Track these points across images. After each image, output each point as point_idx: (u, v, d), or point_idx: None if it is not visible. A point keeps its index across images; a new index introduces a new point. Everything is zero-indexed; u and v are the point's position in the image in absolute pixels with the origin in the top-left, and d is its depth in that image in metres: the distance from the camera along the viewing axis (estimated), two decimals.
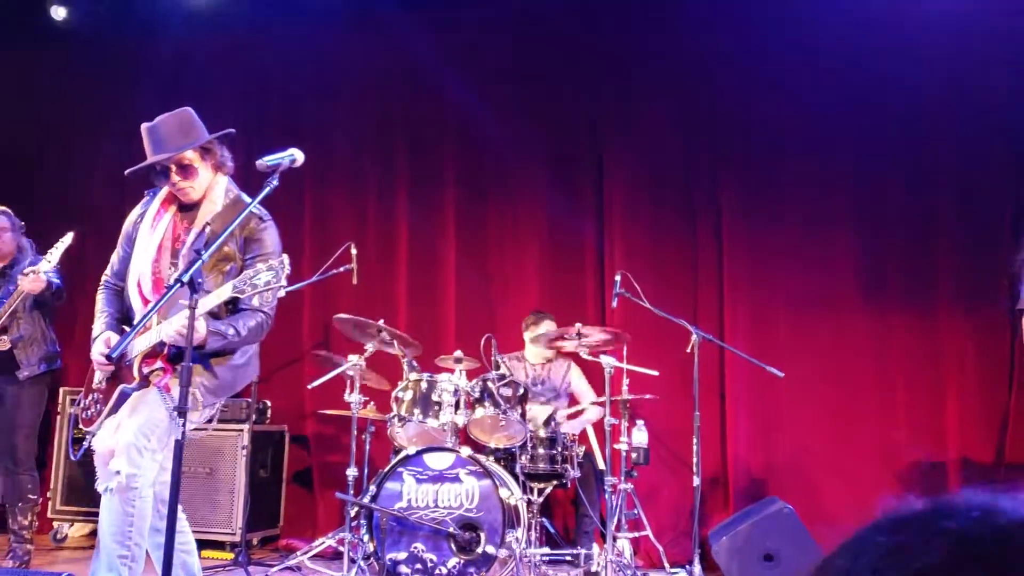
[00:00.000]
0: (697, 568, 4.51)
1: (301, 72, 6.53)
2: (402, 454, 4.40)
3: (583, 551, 4.70)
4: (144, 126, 3.27)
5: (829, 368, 5.47)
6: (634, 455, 4.82)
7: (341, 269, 5.32)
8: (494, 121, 6.15)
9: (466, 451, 4.32)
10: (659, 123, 5.94)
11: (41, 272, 4.61)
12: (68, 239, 4.71)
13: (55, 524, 5.76)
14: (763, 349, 5.26)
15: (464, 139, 6.23)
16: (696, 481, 4.57)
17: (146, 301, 3.23)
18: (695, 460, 4.59)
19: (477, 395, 4.57)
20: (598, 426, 5.09)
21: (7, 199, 6.85)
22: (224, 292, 2.98)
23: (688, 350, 4.66)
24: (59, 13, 6.36)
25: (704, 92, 5.89)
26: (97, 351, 3.23)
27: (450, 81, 6.23)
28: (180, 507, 2.79)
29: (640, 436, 4.86)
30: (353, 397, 4.89)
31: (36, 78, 6.94)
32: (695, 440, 4.60)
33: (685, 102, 5.93)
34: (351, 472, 4.88)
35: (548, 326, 5.26)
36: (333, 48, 6.49)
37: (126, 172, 3.32)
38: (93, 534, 5.71)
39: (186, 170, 3.26)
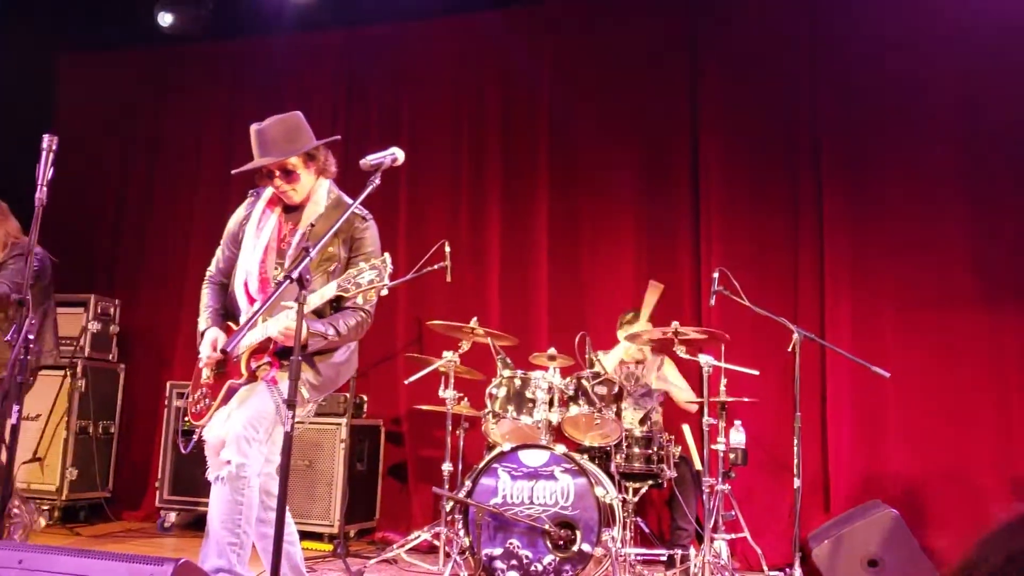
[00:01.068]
0: (798, 572, 4.39)
1: (395, 71, 6.61)
2: (497, 450, 4.40)
3: (679, 552, 4.65)
4: (253, 128, 3.35)
5: (938, 369, 5.25)
6: (732, 456, 4.74)
7: (435, 267, 5.37)
8: (587, 117, 6.13)
9: (561, 449, 4.31)
10: (757, 114, 5.81)
11: None
12: None
13: (162, 513, 5.97)
14: (867, 349, 5.10)
15: (556, 135, 6.21)
16: (797, 483, 4.46)
17: (252, 299, 3.33)
18: (796, 462, 4.48)
19: (571, 393, 4.55)
20: (695, 426, 5.01)
21: (116, 198, 7.16)
22: (328, 291, 3.04)
23: (789, 349, 4.55)
24: (165, 19, 6.58)
25: (805, 80, 5.73)
26: (206, 349, 3.33)
27: (543, 78, 6.24)
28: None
29: (738, 436, 4.77)
30: (448, 393, 4.95)
31: (143, 81, 7.20)
32: (796, 441, 4.48)
33: (785, 91, 5.78)
34: (446, 467, 4.94)
35: (643, 325, 5.21)
36: (426, 47, 6.56)
37: (232, 171, 3.42)
38: (197, 522, 5.92)
39: (289, 175, 3.34)
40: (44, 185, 3.09)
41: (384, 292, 3.09)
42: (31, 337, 2.89)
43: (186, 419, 3.42)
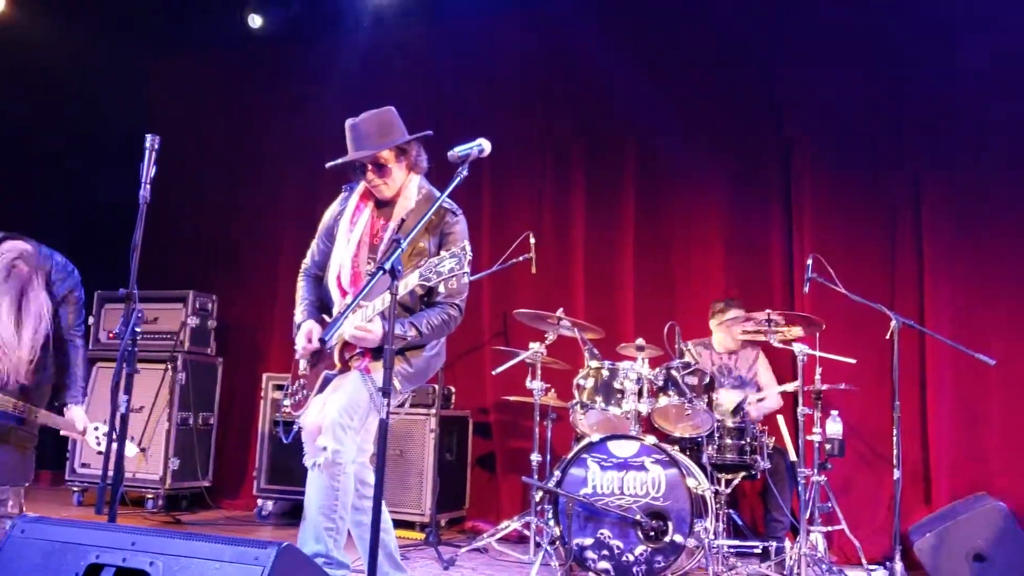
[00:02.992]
0: (899, 566, 4.28)
1: (478, 64, 6.64)
2: (585, 441, 4.40)
3: (774, 544, 4.57)
4: (348, 122, 3.40)
5: None
6: (828, 446, 4.63)
7: (520, 258, 5.40)
8: (672, 104, 6.05)
9: (651, 439, 4.28)
10: (849, 93, 5.64)
11: None
12: None
13: (259, 501, 6.14)
14: (968, 335, 4.92)
15: (641, 123, 6.15)
16: (896, 474, 4.34)
17: (344, 292, 3.39)
18: (895, 452, 4.36)
19: (661, 383, 4.51)
20: (789, 417, 4.91)
21: (210, 197, 7.39)
22: (412, 280, 3.05)
23: (888, 336, 4.42)
24: (255, 21, 6.74)
25: (898, 58, 5.56)
26: (301, 340, 3.40)
27: (627, 68, 6.18)
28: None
29: (834, 427, 4.66)
30: (535, 384, 4.96)
31: (233, 82, 7.41)
32: (895, 431, 4.36)
33: (877, 70, 5.61)
34: (535, 457, 4.96)
35: (736, 313, 5.14)
36: (510, 41, 6.56)
37: (327, 165, 3.47)
38: (294, 511, 6.07)
39: (381, 169, 3.39)
40: (147, 183, 3.19)
41: (465, 280, 3.10)
42: (137, 330, 2.99)
43: (286, 409, 3.49)
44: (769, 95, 5.88)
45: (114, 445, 3.00)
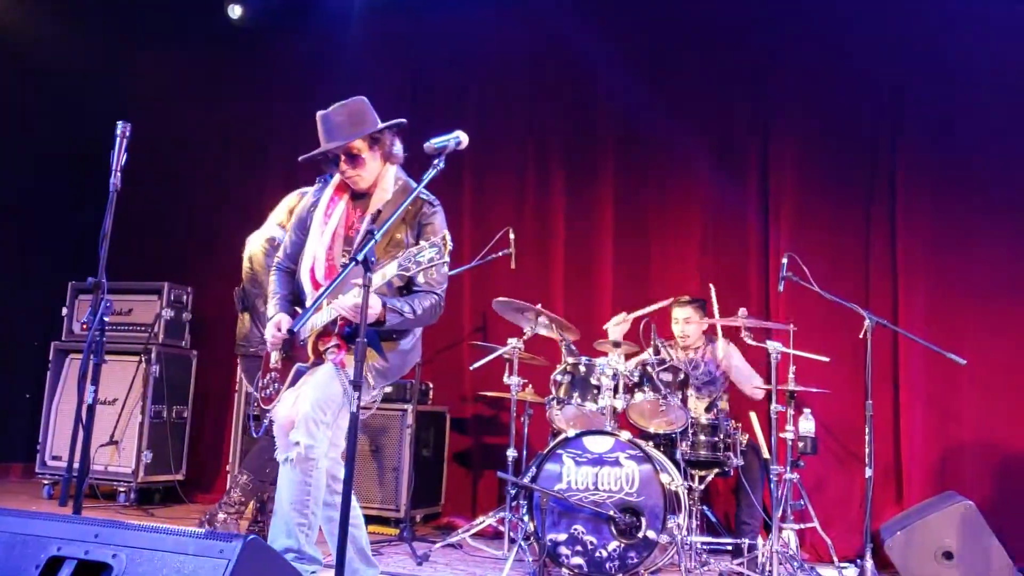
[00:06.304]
0: (869, 563, 4.31)
1: (460, 59, 6.62)
2: (561, 436, 4.39)
3: (746, 541, 4.59)
4: (319, 114, 3.37)
5: (1016, 357, 5.09)
6: (801, 444, 4.65)
7: (500, 254, 5.40)
8: (653, 102, 6.06)
9: (626, 435, 4.28)
10: (829, 94, 5.68)
11: None
12: None
13: None
14: (942, 336, 4.96)
15: (622, 121, 6.16)
16: (868, 472, 4.36)
17: (317, 285, 3.33)
18: (867, 451, 4.38)
19: (636, 379, 4.52)
20: (763, 415, 4.93)
21: (188, 188, 7.32)
22: (390, 271, 3.01)
23: (861, 336, 4.45)
24: (235, 11, 6.69)
25: (878, 61, 5.59)
26: (271, 330, 3.37)
27: (608, 63, 6.18)
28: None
29: (807, 425, 4.68)
30: (512, 379, 4.96)
31: (213, 73, 7.35)
32: (867, 430, 4.39)
33: (857, 72, 5.64)
34: (511, 453, 4.95)
35: (684, 314, 5.19)
36: (491, 34, 6.54)
37: (299, 159, 3.44)
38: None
39: (354, 159, 3.35)
40: (118, 171, 3.17)
41: (445, 270, 3.08)
42: (106, 320, 2.96)
43: (257, 402, 3.47)
44: (748, 93, 5.89)
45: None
